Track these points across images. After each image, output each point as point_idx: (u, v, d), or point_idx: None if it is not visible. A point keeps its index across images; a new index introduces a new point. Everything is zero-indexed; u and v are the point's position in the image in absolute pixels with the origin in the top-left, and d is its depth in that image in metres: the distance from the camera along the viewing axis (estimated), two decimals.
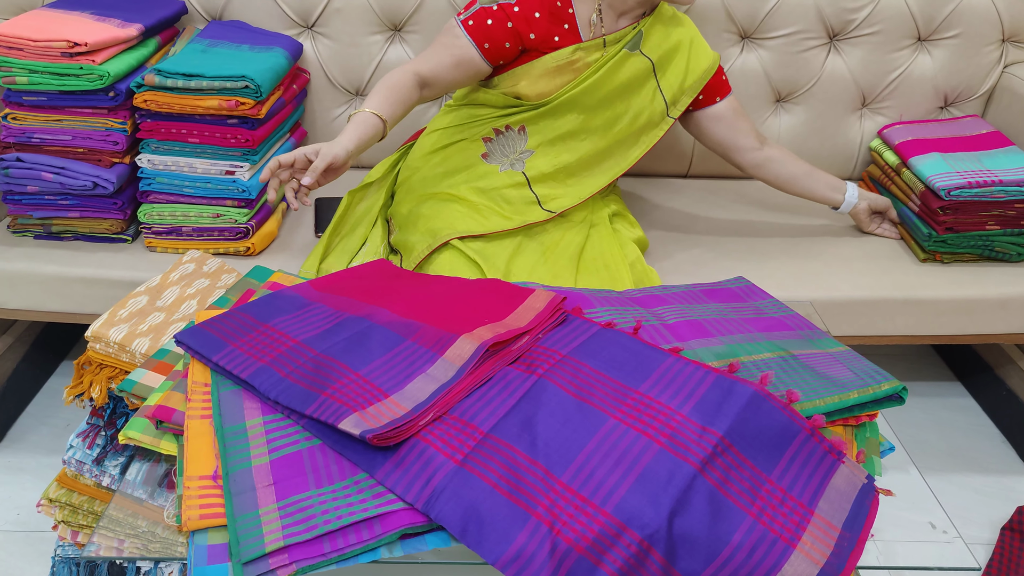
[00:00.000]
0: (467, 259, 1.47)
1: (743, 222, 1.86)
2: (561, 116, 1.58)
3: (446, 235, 1.49)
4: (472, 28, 1.50)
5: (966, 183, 1.64)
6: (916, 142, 1.83)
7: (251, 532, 0.80)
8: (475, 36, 1.50)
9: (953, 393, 2.13)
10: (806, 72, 1.97)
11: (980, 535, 1.70)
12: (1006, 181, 1.63)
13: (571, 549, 0.79)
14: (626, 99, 1.60)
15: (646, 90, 1.61)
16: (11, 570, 1.54)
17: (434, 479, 0.84)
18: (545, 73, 1.55)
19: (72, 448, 1.24)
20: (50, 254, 1.63)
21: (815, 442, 0.92)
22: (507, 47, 1.52)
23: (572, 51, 1.54)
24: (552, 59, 1.54)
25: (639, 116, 1.61)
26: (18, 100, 1.55)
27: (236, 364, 0.98)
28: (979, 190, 1.64)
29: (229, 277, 1.40)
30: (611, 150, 1.64)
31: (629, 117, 1.61)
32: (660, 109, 1.63)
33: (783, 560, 0.81)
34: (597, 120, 1.60)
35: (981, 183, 1.63)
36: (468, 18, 1.51)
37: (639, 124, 1.62)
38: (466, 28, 1.50)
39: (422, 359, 0.98)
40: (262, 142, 1.63)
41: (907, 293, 1.65)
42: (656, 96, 1.62)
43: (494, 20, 1.50)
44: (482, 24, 1.50)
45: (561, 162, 1.60)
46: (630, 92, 1.60)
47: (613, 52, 1.56)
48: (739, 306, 1.22)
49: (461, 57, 1.51)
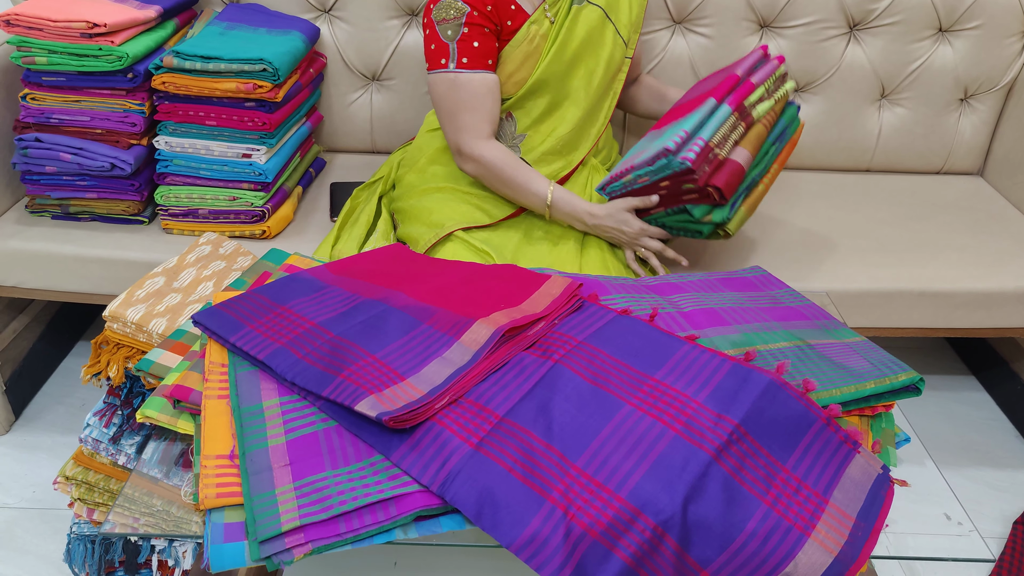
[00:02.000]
0: (473, 249, 1.47)
1: (760, 212, 1.85)
2: (539, 92, 1.57)
3: (451, 226, 1.49)
4: (471, 63, 1.46)
5: (608, 178, 1.52)
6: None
7: (267, 511, 0.81)
8: (479, 65, 1.47)
9: (967, 387, 2.12)
10: (825, 62, 1.95)
11: (993, 529, 1.70)
12: (637, 165, 1.44)
13: (585, 534, 0.79)
14: (595, 52, 1.58)
15: (607, 37, 1.59)
16: (27, 546, 1.55)
17: (449, 462, 0.84)
18: (515, 63, 1.53)
19: (89, 427, 1.25)
20: (68, 234, 1.64)
21: (831, 431, 0.92)
22: (496, 47, 1.52)
23: (527, 29, 1.51)
24: (514, 46, 1.52)
25: (610, 64, 1.60)
26: (37, 80, 1.55)
27: (253, 345, 0.99)
28: (618, 182, 1.49)
29: (245, 259, 1.41)
30: (597, 106, 1.63)
31: (602, 68, 1.59)
32: (620, 50, 1.62)
33: (797, 548, 0.81)
34: (574, 82, 1.58)
35: (618, 175, 1.49)
36: (461, 57, 1.46)
37: (611, 72, 1.62)
38: (468, 68, 1.46)
39: (438, 343, 0.99)
40: (279, 125, 1.63)
41: (924, 286, 1.64)
42: (616, 39, 1.60)
43: (477, 39, 1.47)
44: (473, 52, 1.46)
45: (557, 135, 1.58)
46: (595, 44, 1.58)
47: (564, 11, 1.53)
48: (756, 295, 1.21)
49: (490, 88, 1.49)
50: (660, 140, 1.40)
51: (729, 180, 1.36)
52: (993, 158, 2.06)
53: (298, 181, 1.79)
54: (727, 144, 1.39)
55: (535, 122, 1.59)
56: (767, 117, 1.43)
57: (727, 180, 1.36)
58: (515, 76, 1.55)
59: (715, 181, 1.36)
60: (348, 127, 2.00)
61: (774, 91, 1.46)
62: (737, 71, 1.42)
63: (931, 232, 1.80)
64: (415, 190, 1.60)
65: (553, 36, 1.53)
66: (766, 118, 1.43)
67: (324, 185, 1.87)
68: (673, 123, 1.43)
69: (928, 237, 1.78)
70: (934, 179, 2.06)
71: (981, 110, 2.02)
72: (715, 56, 1.93)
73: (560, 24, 1.53)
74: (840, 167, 2.07)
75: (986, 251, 1.74)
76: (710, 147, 1.36)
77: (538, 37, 1.53)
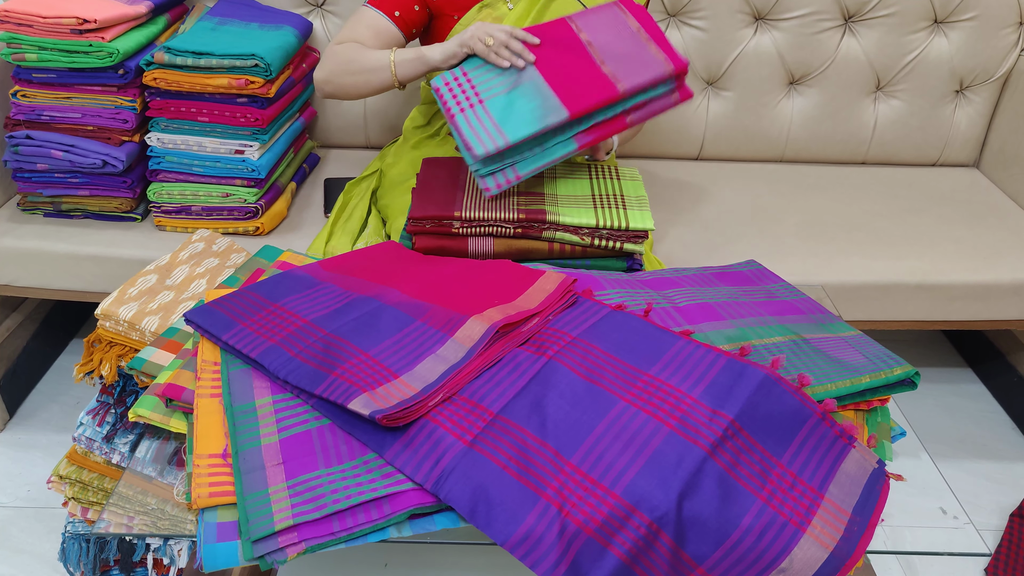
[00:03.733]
0: None
1: (755, 206, 1.84)
2: None
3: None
4: (379, 2, 1.49)
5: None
6: None
7: (261, 511, 0.81)
8: (383, 7, 1.48)
9: (964, 380, 2.12)
10: (820, 54, 1.95)
11: (989, 521, 1.70)
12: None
13: (580, 531, 0.79)
14: None
15: None
16: (22, 545, 1.55)
17: (443, 460, 0.84)
18: None
19: (82, 425, 1.24)
20: (60, 232, 1.63)
21: (826, 427, 0.92)
22: (416, 10, 1.50)
23: (478, 10, 1.49)
24: (461, 25, 1.49)
25: None
26: (28, 77, 1.54)
27: (245, 343, 0.98)
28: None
29: (238, 256, 1.40)
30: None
31: None
32: None
33: (792, 544, 0.81)
34: None
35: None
36: None
37: None
38: (373, 3, 1.50)
39: (432, 340, 0.98)
40: (272, 121, 1.62)
41: (920, 278, 1.64)
42: None
43: None
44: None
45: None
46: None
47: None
48: (751, 289, 1.21)
49: (377, 27, 1.49)
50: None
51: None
52: (989, 150, 2.06)
53: (291, 177, 1.78)
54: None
55: None
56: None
57: None
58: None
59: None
60: (341, 122, 1.99)
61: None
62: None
63: (927, 224, 1.80)
64: (401, 187, 1.58)
65: (512, 23, 1.47)
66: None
67: (318, 181, 1.86)
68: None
69: (924, 229, 1.77)
70: (930, 171, 2.06)
71: (977, 102, 2.02)
72: (710, 49, 1.93)
73: (525, 14, 1.48)
74: (835, 160, 2.06)
75: (982, 243, 1.74)
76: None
77: (490, 19, 1.48)
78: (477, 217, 1.24)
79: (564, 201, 1.30)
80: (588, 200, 1.30)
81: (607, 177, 1.39)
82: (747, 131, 2.01)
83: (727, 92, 1.98)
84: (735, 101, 1.99)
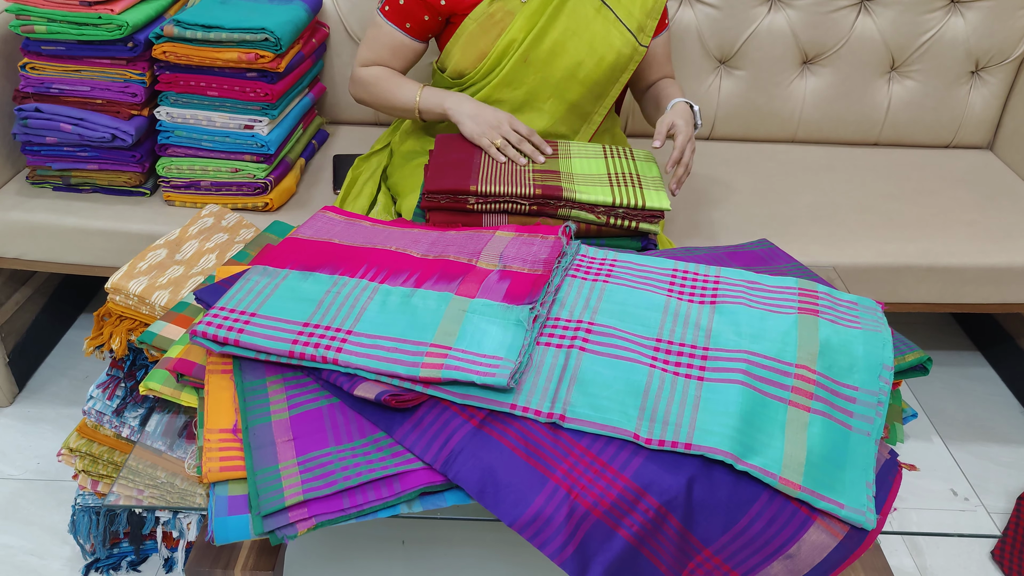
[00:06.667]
0: None
1: (767, 186, 1.83)
2: (517, 81, 1.50)
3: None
4: (390, 13, 1.51)
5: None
6: None
7: (271, 486, 0.81)
8: (395, 20, 1.51)
9: (973, 363, 2.11)
10: (835, 33, 1.92)
11: (997, 504, 1.70)
12: None
13: (589, 513, 0.79)
14: (581, 41, 1.48)
15: (599, 24, 1.48)
16: (32, 517, 1.56)
17: (452, 440, 0.84)
18: (471, 38, 1.49)
19: (92, 399, 1.25)
20: (69, 206, 1.63)
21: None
22: (427, 20, 1.50)
23: (488, 4, 1.47)
24: (472, 20, 1.48)
25: (604, 56, 1.49)
26: (36, 49, 1.53)
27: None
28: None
29: (248, 232, 1.40)
30: (583, 107, 1.55)
31: (594, 60, 1.49)
32: (626, 40, 1.49)
33: (802, 531, 0.80)
34: (556, 73, 1.49)
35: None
36: (384, 4, 1.52)
37: (606, 64, 1.50)
38: (385, 16, 1.52)
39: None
40: (281, 96, 1.61)
41: (932, 261, 1.63)
42: (615, 28, 1.48)
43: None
44: (396, 5, 1.50)
45: (535, 128, 1.51)
46: (582, 32, 1.48)
47: None
48: (762, 269, 1.20)
49: (393, 44, 1.53)
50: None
51: None
52: (1003, 132, 2.04)
53: (301, 153, 1.77)
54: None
55: (515, 112, 1.52)
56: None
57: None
58: (470, 55, 1.50)
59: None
60: (351, 99, 1.97)
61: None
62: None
63: (940, 206, 1.78)
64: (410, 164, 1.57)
65: (531, 18, 1.47)
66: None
67: (327, 157, 1.85)
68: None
69: (937, 211, 1.76)
70: (943, 153, 2.04)
71: (992, 83, 1.99)
72: (723, 27, 1.90)
73: (541, 8, 1.46)
74: (848, 140, 2.05)
75: (995, 226, 1.73)
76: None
77: (500, 13, 1.47)
78: (493, 192, 1.24)
79: (580, 180, 1.29)
80: (604, 179, 1.30)
81: (622, 157, 1.38)
82: (759, 111, 1.99)
83: (739, 71, 1.96)
84: (747, 80, 1.97)
